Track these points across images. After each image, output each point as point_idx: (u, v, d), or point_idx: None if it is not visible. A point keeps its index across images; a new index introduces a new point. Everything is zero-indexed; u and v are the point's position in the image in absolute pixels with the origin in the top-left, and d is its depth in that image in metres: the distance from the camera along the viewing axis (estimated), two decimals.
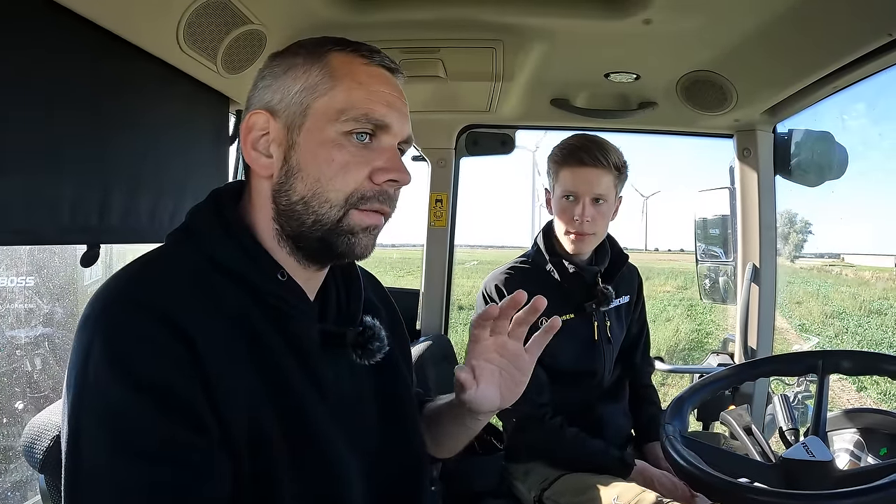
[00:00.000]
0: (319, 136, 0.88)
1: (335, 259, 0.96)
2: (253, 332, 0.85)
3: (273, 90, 0.91)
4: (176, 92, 1.63)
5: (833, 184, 2.30)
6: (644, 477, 1.75)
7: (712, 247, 2.67)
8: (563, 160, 1.84)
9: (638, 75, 1.99)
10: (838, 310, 19.09)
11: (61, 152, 1.27)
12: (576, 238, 1.85)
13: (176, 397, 0.75)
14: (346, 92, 0.89)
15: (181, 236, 0.91)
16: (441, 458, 1.23)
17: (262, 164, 0.90)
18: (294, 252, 0.93)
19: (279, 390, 0.85)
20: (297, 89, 0.89)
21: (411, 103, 0.96)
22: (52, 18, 1.21)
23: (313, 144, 0.88)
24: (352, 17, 1.59)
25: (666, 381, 7.67)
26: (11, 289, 3.32)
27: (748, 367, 1.49)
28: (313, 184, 0.88)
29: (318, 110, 0.88)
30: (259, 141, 0.91)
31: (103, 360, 0.74)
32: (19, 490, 3.06)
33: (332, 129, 0.88)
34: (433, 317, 2.74)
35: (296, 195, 0.89)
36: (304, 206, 0.89)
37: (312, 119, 0.89)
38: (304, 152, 0.89)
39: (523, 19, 1.63)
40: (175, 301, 0.79)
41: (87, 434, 0.74)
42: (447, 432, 1.17)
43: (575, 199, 1.82)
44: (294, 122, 0.89)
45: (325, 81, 0.89)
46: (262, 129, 0.90)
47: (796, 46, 1.60)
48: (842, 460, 1.39)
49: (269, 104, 0.91)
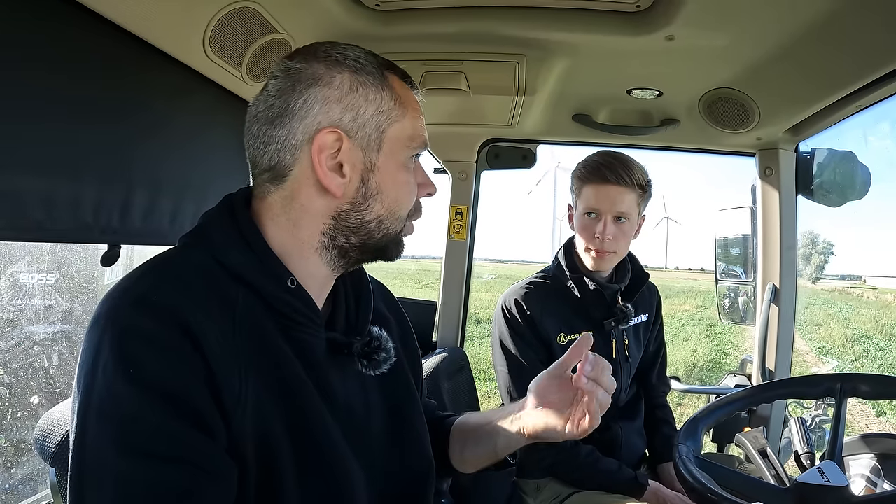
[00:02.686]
0: (396, 161, 0.94)
1: (376, 261, 1.01)
2: (261, 337, 0.86)
3: (343, 108, 0.90)
4: (200, 98, 1.64)
5: (855, 204, 2.28)
6: (657, 498, 1.73)
7: (732, 266, 2.65)
8: (587, 176, 1.83)
9: (660, 92, 1.98)
10: (859, 333, 18.79)
11: (85, 153, 1.29)
12: (596, 255, 1.84)
13: (183, 398, 0.76)
14: (412, 120, 0.95)
15: (193, 239, 0.92)
16: (466, 472, 1.22)
17: (337, 185, 0.90)
18: (334, 261, 0.96)
19: (286, 397, 0.86)
20: (373, 112, 0.91)
21: (434, 116, 0.99)
22: (80, 23, 1.23)
23: (393, 168, 0.94)
24: (377, 29, 1.60)
25: (682, 401, 7.59)
26: (32, 285, 3.36)
27: (765, 388, 1.48)
28: (391, 204, 0.95)
29: (393, 136, 0.93)
30: (328, 159, 0.90)
31: (111, 360, 0.75)
32: (30, 483, 3.10)
33: (404, 154, 0.95)
34: (450, 329, 2.74)
35: (372, 214, 0.94)
36: (377, 223, 0.95)
37: (388, 144, 0.93)
38: (384, 175, 0.94)
39: (546, 34, 1.63)
40: (185, 303, 0.79)
41: (94, 432, 0.74)
42: (485, 445, 1.16)
43: (597, 216, 1.81)
44: (371, 144, 0.92)
45: (397, 108, 0.93)
46: (331, 147, 0.89)
47: (820, 64, 1.59)
48: (857, 486, 1.37)
49: (340, 122, 0.89)
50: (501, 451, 1.13)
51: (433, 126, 0.98)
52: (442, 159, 2.70)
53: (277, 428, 0.84)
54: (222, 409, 0.79)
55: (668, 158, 8.00)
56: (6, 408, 3.20)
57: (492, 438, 1.13)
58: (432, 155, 2.67)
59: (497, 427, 1.12)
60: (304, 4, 1.47)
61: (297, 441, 0.86)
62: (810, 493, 1.10)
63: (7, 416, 3.20)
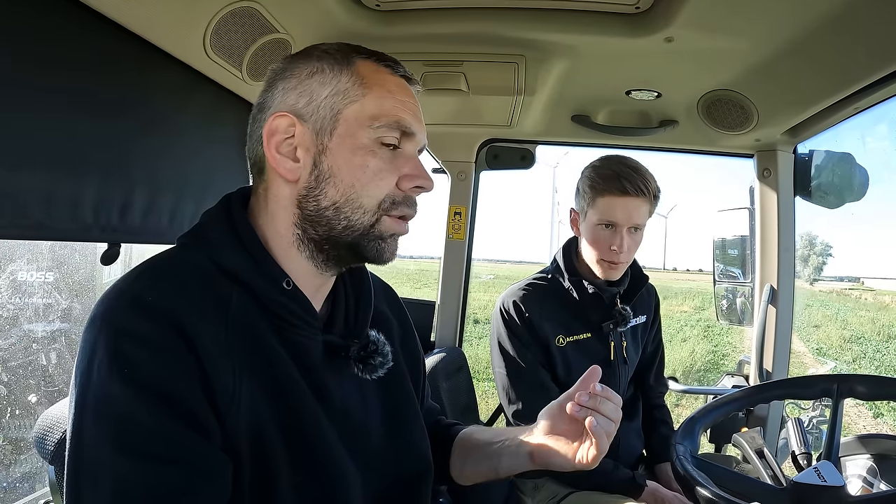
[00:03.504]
0: (353, 142, 0.90)
1: (359, 263, 0.99)
2: (256, 338, 0.86)
3: (298, 93, 0.91)
4: (200, 97, 1.65)
5: (853, 206, 2.29)
6: (655, 498, 1.73)
7: (730, 267, 2.65)
8: (604, 187, 1.77)
9: (659, 93, 1.99)
10: (856, 334, 18.84)
11: (85, 151, 1.29)
12: (610, 267, 1.82)
13: (178, 399, 0.76)
14: (377, 99, 0.91)
15: (190, 240, 0.92)
16: (462, 485, 1.22)
17: (288, 169, 0.90)
18: (314, 256, 0.93)
19: (279, 397, 0.86)
20: (327, 94, 0.90)
21: (433, 116, 0.98)
22: (82, 22, 1.23)
23: (346, 150, 0.90)
24: (376, 29, 1.61)
25: (680, 401, 7.61)
26: (31, 283, 3.36)
27: (762, 389, 1.48)
28: (347, 189, 0.90)
29: (350, 116, 0.90)
30: (282, 144, 0.90)
31: (106, 360, 0.75)
32: (28, 481, 3.10)
33: (365, 135, 0.90)
34: (448, 329, 2.74)
35: (326, 200, 0.90)
36: (335, 211, 0.90)
37: (344, 125, 0.90)
38: (336, 157, 0.90)
39: (546, 35, 1.64)
40: (180, 304, 0.79)
41: (90, 432, 0.74)
42: (486, 464, 1.16)
43: (613, 228, 1.78)
44: (324, 126, 0.90)
45: (356, 88, 0.90)
46: (285, 132, 0.90)
47: (819, 66, 1.59)
48: (854, 486, 1.37)
49: (294, 107, 0.90)
50: (504, 472, 1.13)
51: (432, 126, 0.98)
52: (441, 159, 2.70)
53: (271, 428, 0.84)
54: (216, 409, 0.79)
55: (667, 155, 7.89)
56: (5, 406, 3.20)
57: (496, 458, 1.13)
58: (431, 155, 2.68)
59: (503, 448, 1.12)
60: (304, 4, 1.47)
61: (291, 441, 0.86)
62: (807, 494, 1.10)
63: (6, 415, 3.20)
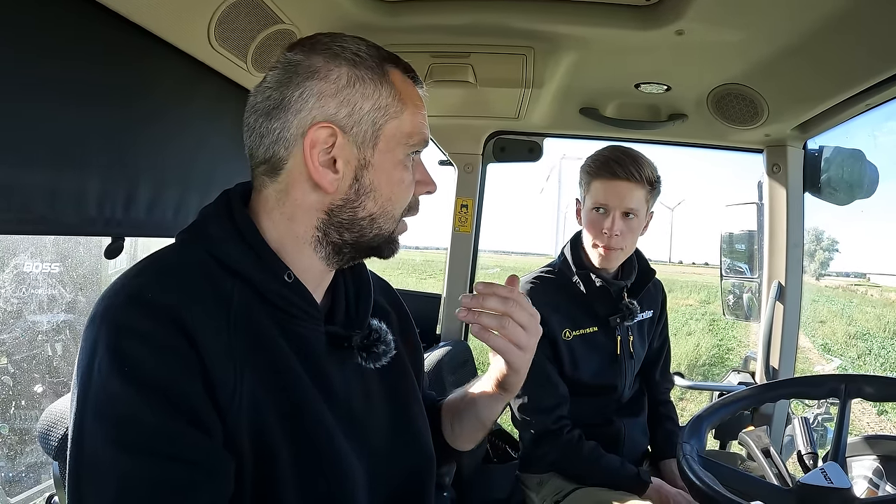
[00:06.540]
0: (392, 158, 0.92)
1: (369, 258, 1.01)
2: (258, 332, 0.86)
3: (338, 102, 0.88)
4: (204, 88, 1.63)
5: (862, 202, 2.27)
6: (660, 495, 1.73)
7: (738, 262, 2.63)
8: (596, 172, 1.81)
9: (669, 87, 1.97)
10: (862, 331, 18.76)
11: (88, 144, 1.28)
12: (604, 252, 1.83)
13: (179, 396, 0.76)
14: (411, 116, 0.93)
15: (190, 236, 0.92)
16: (462, 449, 1.23)
17: (329, 181, 0.89)
18: (329, 256, 0.95)
19: (282, 391, 0.85)
20: (369, 108, 0.89)
21: (440, 108, 0.97)
22: (84, 13, 1.22)
23: (388, 166, 0.92)
24: (383, 19, 1.59)
25: (684, 396, 7.60)
26: (36, 275, 3.37)
27: (769, 388, 1.47)
28: (385, 203, 0.93)
29: (390, 133, 0.91)
30: (320, 154, 0.88)
31: (107, 358, 0.74)
32: (34, 472, 3.12)
33: (402, 151, 0.93)
34: (454, 323, 2.73)
35: (364, 212, 0.92)
36: (370, 221, 0.93)
37: (384, 141, 0.91)
38: (379, 173, 0.92)
39: (555, 27, 1.62)
40: (180, 301, 0.79)
41: (92, 431, 0.74)
42: (468, 417, 1.17)
43: (605, 211, 1.80)
44: (365, 140, 0.90)
45: (395, 104, 0.91)
46: (325, 142, 0.88)
47: (830, 62, 1.57)
48: (860, 488, 1.37)
49: (335, 118, 0.88)
50: (484, 415, 1.14)
51: (439, 118, 0.97)
52: (448, 151, 2.69)
53: (273, 423, 0.84)
54: (218, 406, 0.79)
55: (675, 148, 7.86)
56: (10, 397, 3.22)
57: (473, 406, 1.15)
58: (438, 147, 2.67)
59: (475, 394, 1.14)
60: None
61: (294, 436, 0.85)
62: (813, 495, 1.09)
63: (11, 406, 3.21)
